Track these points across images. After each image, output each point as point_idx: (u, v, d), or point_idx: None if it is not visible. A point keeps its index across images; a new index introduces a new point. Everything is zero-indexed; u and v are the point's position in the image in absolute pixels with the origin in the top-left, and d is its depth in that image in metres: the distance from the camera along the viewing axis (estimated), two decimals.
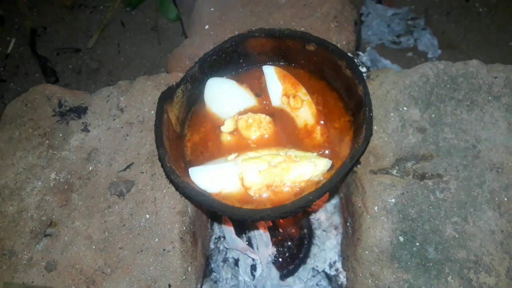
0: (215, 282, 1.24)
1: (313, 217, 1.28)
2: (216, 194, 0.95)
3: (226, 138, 1.04)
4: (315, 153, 0.98)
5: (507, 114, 1.05)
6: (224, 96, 1.08)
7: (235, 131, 1.04)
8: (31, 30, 2.19)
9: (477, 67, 1.11)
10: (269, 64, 1.13)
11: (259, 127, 1.03)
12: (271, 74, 1.08)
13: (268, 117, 1.04)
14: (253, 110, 1.07)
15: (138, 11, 2.21)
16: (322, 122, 1.03)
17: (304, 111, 1.04)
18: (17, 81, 2.09)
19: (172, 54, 1.40)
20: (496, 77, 1.09)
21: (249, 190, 0.94)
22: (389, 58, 1.89)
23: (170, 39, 2.12)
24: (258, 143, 1.03)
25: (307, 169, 0.92)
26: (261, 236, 1.22)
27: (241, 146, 1.03)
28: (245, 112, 1.06)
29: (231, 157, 1.00)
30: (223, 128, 1.04)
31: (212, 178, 0.96)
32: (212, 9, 1.45)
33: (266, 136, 1.03)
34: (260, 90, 1.11)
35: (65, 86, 1.32)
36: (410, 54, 1.94)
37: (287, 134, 1.04)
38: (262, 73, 1.10)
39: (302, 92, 1.06)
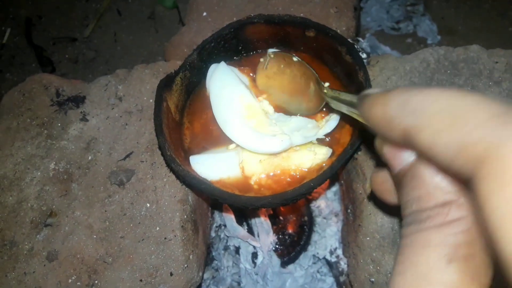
0: (217, 270, 1.25)
1: (314, 205, 1.28)
2: (217, 182, 0.95)
3: None
4: (316, 142, 0.98)
5: (508, 99, 1.04)
6: None
7: None
8: (26, 19, 2.16)
9: (477, 52, 1.10)
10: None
11: None
12: None
13: None
14: None
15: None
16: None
17: None
18: (14, 72, 2.07)
19: (169, 42, 1.38)
20: (497, 62, 1.08)
21: (249, 180, 0.94)
22: (389, 45, 1.88)
23: (167, 27, 2.09)
24: None
25: (307, 157, 0.92)
26: (262, 223, 1.22)
27: None
28: None
29: (232, 146, 0.99)
30: None
31: (213, 166, 0.96)
32: None
33: None
34: None
35: (62, 76, 1.31)
36: (410, 40, 1.92)
37: None
38: None
39: None
